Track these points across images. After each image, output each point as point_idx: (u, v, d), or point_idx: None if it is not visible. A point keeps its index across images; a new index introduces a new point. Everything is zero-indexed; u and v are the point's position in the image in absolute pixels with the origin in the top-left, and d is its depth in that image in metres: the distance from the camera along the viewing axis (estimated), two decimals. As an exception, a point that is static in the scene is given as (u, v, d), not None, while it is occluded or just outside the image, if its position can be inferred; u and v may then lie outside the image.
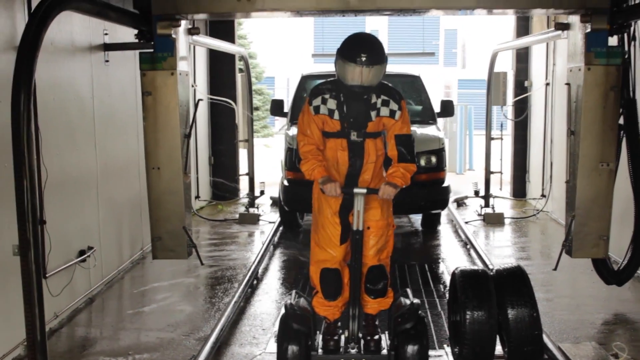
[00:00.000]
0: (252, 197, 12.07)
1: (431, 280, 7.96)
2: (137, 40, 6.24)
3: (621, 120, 6.20)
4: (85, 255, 6.96)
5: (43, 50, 4.35)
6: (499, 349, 5.30)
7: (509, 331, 5.07)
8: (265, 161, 17.70)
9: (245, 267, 8.47)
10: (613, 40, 6.11)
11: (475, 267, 5.73)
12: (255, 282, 7.86)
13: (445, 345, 5.76)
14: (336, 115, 4.92)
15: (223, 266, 8.69)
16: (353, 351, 4.96)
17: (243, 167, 13.21)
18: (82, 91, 7.19)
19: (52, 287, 6.10)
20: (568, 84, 6.30)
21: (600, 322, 6.56)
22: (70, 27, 6.84)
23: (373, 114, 4.92)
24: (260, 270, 8.32)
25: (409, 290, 5.37)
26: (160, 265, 8.28)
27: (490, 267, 6.03)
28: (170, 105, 6.08)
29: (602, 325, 6.49)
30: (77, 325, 6.55)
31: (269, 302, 7.34)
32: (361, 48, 4.73)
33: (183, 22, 6.17)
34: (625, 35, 6.16)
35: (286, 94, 31.23)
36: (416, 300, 5.13)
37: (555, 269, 6.41)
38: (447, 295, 6.81)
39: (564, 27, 6.39)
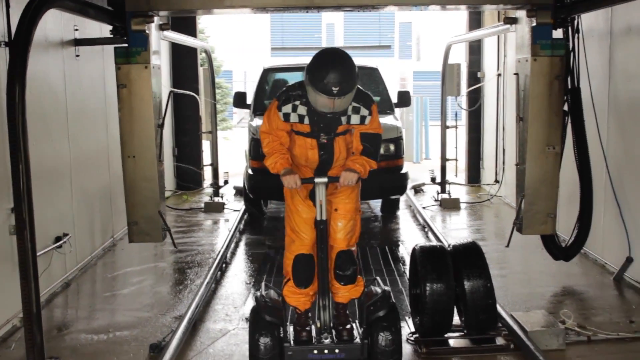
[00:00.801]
0: (216, 187, 12.34)
1: (392, 260, 8.38)
2: (110, 36, 6.54)
3: (566, 107, 6.67)
4: (62, 242, 7.20)
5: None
6: (456, 319, 5.74)
7: (465, 301, 5.53)
8: (226, 153, 17.90)
9: (214, 252, 8.81)
10: (558, 33, 6.57)
11: (434, 243, 6.15)
12: (224, 265, 8.20)
13: (406, 317, 6.16)
14: (306, 120, 4.89)
15: (192, 251, 9.00)
16: (326, 341, 4.91)
17: (206, 159, 13.47)
18: (55, 85, 7.43)
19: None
20: (516, 74, 6.75)
21: (550, 294, 7.05)
22: (44, 24, 7.03)
23: (344, 119, 4.89)
24: (228, 255, 8.66)
25: (378, 279, 5.45)
26: (131, 251, 8.61)
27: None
28: (145, 97, 6.39)
29: (551, 296, 6.98)
30: (55, 307, 6.82)
31: (239, 283, 7.69)
32: (332, 78, 4.54)
33: (155, 18, 6.47)
34: (570, 28, 6.63)
35: (244, 87, 31.39)
36: (387, 288, 5.18)
37: (507, 246, 6.86)
38: (406, 273, 7.24)
39: (512, 21, 6.84)
